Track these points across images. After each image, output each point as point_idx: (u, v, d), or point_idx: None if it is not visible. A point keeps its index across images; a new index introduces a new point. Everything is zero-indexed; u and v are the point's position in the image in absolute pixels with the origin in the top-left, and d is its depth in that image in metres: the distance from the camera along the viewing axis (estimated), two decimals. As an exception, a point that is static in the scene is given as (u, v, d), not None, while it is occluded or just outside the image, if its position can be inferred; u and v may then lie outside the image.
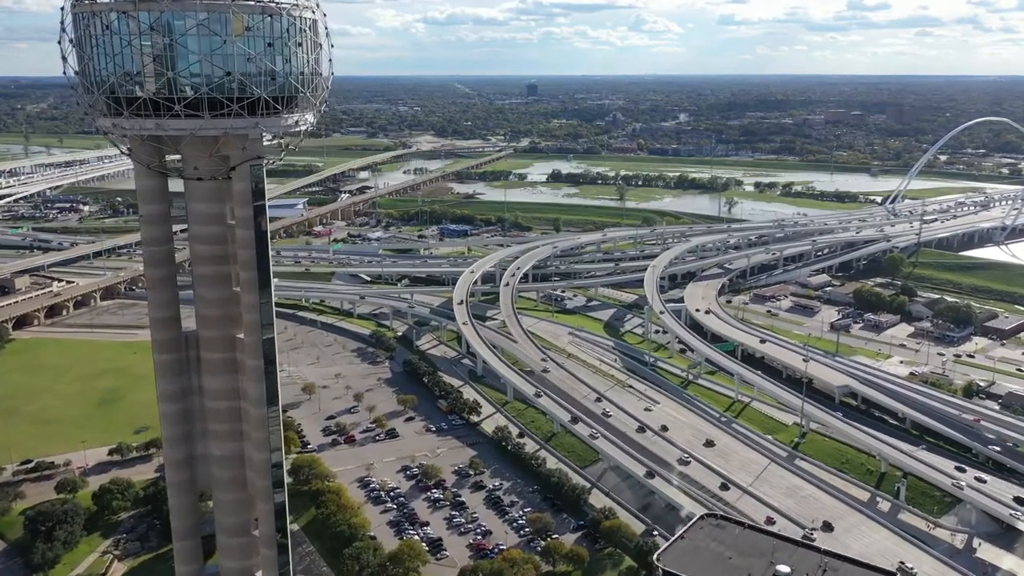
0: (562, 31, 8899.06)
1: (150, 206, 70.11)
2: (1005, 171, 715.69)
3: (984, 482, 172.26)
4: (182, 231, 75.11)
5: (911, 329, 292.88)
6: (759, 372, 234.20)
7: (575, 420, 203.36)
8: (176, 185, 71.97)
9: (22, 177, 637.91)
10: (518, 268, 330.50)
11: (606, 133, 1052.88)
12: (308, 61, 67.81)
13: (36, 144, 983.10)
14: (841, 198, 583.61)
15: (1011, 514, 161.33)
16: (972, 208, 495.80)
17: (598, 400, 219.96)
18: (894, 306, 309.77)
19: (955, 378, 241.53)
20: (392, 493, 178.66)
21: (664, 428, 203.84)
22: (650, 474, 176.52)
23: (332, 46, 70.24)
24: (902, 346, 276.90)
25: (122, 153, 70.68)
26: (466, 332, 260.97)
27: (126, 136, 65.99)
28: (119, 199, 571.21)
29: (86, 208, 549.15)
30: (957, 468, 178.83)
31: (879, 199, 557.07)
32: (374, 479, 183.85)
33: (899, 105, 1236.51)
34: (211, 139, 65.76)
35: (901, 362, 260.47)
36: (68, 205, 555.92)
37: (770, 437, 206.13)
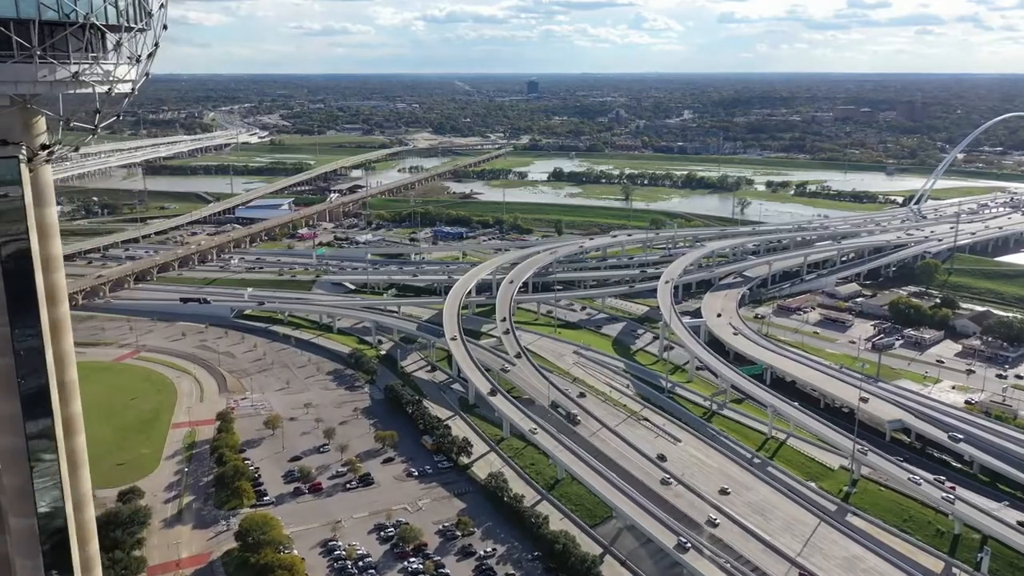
0: (562, 29, 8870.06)
1: None
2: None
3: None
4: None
5: (958, 347, 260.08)
6: (796, 404, 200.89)
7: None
8: None
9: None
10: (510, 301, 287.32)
11: (609, 130, 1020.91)
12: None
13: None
14: (859, 198, 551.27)
15: None
16: (1001, 209, 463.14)
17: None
18: (936, 320, 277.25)
19: (1019, 408, 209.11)
20: (361, 563, 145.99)
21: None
22: (682, 547, 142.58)
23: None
24: (939, 362, 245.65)
25: None
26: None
27: None
28: (95, 199, 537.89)
29: (58, 208, 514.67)
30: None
31: (899, 199, 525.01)
32: (340, 543, 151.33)
33: (910, 102, 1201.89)
34: None
35: (953, 387, 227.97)
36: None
37: (813, 484, 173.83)
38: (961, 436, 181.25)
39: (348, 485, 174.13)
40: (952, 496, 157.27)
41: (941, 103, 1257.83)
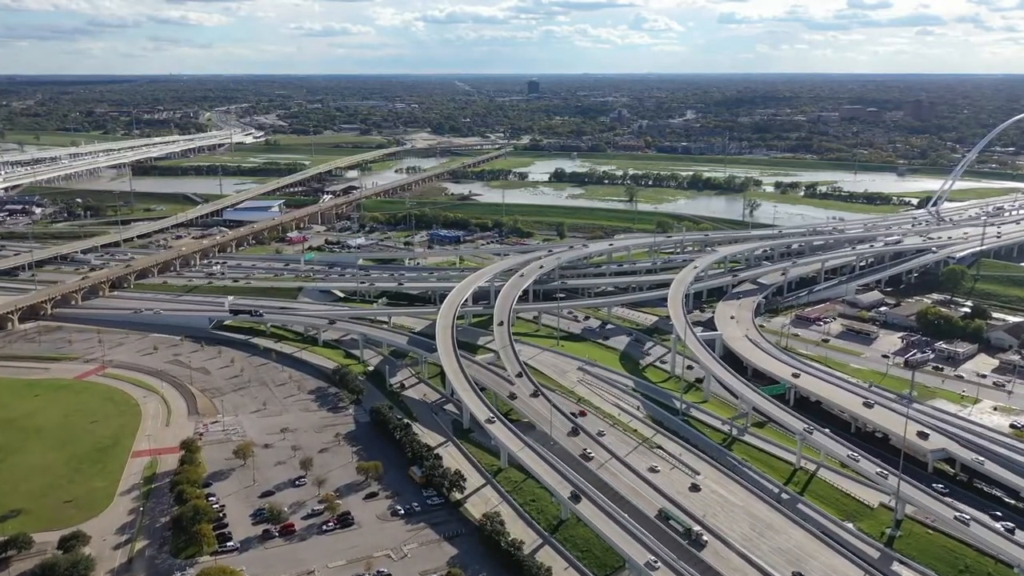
0: (562, 29, 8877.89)
1: None
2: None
3: None
4: None
5: (994, 362, 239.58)
6: (827, 431, 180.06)
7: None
8: None
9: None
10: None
11: (611, 130, 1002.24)
12: None
13: (12, 140, 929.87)
14: (872, 199, 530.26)
15: None
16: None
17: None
18: (968, 332, 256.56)
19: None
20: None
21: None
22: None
23: None
24: (959, 377, 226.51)
25: None
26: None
27: None
28: (79, 200, 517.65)
29: (39, 211, 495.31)
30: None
31: (914, 200, 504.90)
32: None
33: (917, 102, 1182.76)
34: None
35: (995, 408, 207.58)
36: (20, 207, 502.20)
37: (851, 526, 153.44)
38: None
39: (324, 526, 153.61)
40: None
41: (947, 103, 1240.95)
